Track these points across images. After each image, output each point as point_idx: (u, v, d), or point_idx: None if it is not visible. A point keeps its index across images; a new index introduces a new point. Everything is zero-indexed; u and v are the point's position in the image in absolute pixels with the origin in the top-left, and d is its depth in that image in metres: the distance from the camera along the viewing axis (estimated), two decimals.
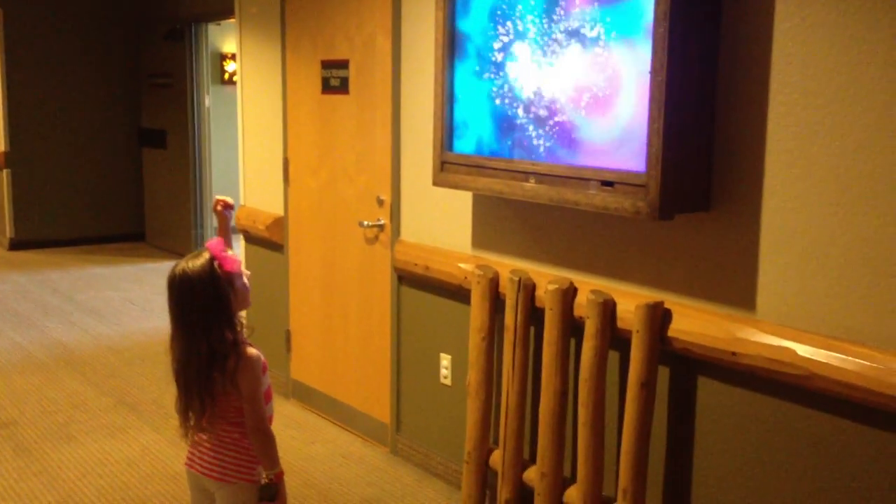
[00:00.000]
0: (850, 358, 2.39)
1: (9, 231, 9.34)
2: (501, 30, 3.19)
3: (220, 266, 2.46)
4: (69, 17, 9.33)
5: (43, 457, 4.25)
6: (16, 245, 9.34)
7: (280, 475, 2.55)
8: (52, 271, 8.39)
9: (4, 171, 9.24)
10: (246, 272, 2.58)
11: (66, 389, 5.19)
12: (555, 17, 2.95)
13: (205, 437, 2.56)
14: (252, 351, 2.50)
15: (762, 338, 2.59)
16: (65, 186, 9.50)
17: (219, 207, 2.87)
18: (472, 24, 3.33)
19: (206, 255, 2.47)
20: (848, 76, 2.40)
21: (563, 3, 2.92)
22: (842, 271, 2.46)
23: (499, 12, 3.19)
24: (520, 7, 3.09)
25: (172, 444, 4.35)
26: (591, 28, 2.83)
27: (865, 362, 2.36)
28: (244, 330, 2.52)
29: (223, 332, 2.45)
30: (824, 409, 2.52)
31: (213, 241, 2.55)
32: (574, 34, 2.90)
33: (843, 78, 2.41)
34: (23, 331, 6.38)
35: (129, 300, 7.35)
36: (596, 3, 2.81)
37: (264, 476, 2.54)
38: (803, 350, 2.49)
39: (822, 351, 2.45)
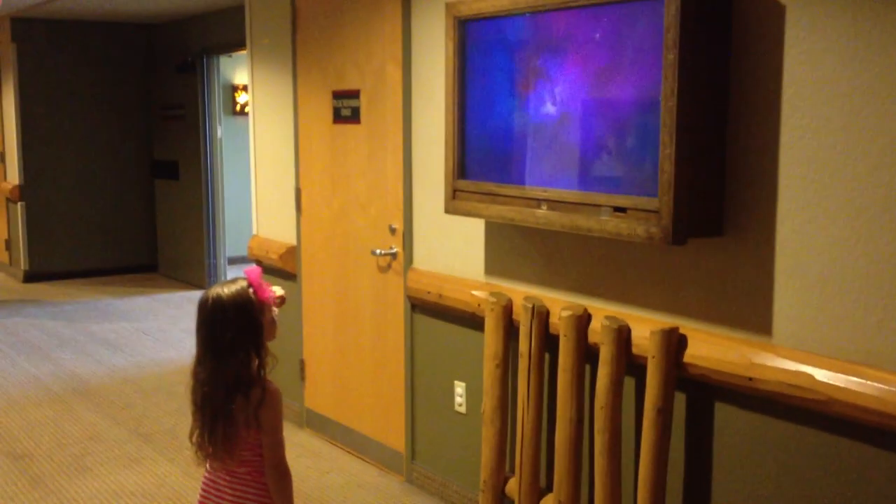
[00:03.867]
0: (868, 382, 2.37)
1: (23, 263, 9.39)
2: (511, 58, 3.20)
3: (255, 293, 2.46)
4: (82, 51, 9.42)
5: (58, 489, 4.25)
6: (30, 277, 9.39)
7: None
8: (66, 303, 8.42)
9: (19, 203, 9.31)
10: (276, 309, 2.55)
11: (81, 421, 5.19)
12: (565, 45, 2.97)
13: (221, 473, 2.54)
14: (275, 386, 2.50)
15: (779, 363, 2.58)
16: (78, 218, 9.56)
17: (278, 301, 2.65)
18: (481, 52, 3.34)
19: (243, 282, 2.47)
20: (860, 100, 2.40)
21: (574, 31, 2.94)
22: (858, 295, 2.45)
23: (507, 41, 3.21)
24: (529, 34, 3.11)
25: (187, 475, 4.34)
26: (602, 54, 2.84)
27: (884, 386, 2.34)
28: (270, 361, 2.49)
29: (251, 360, 2.44)
30: (843, 434, 2.50)
31: (252, 269, 2.54)
32: (585, 61, 2.91)
33: (855, 102, 2.41)
34: (37, 362, 6.40)
35: (142, 331, 7.36)
36: (606, 30, 2.83)
37: None
38: (821, 375, 2.47)
39: (841, 375, 2.44)
